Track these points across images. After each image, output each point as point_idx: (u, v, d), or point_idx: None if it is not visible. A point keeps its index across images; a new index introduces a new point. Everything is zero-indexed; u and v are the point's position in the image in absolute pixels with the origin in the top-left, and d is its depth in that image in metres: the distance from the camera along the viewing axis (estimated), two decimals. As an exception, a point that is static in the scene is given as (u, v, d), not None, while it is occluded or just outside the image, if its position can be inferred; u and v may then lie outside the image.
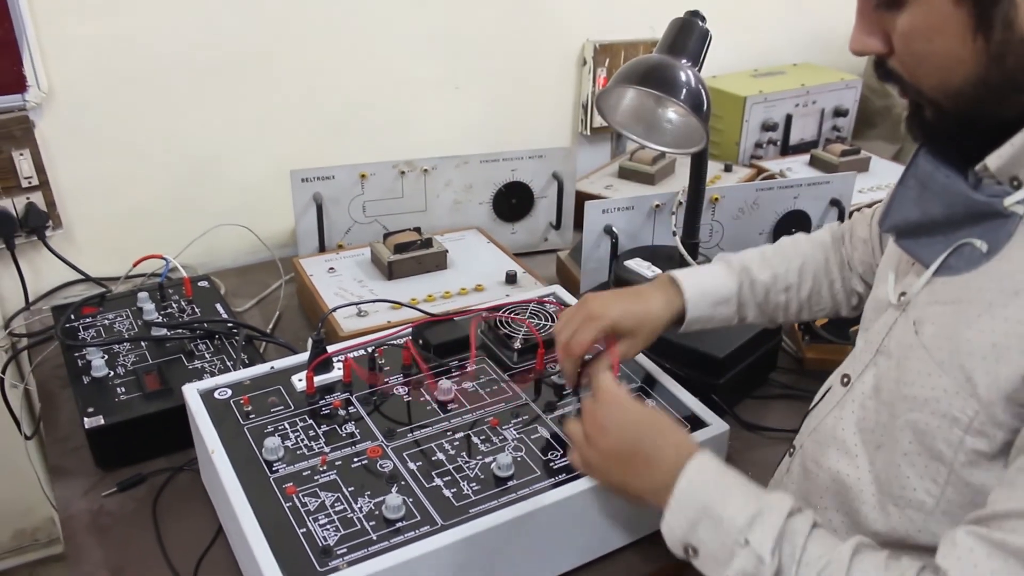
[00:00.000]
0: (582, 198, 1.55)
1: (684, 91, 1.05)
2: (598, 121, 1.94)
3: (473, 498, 0.86)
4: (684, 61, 1.08)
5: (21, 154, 1.36)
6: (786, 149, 2.03)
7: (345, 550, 0.79)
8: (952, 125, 0.71)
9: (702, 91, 1.07)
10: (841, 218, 1.50)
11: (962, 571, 0.61)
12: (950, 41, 0.66)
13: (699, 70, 1.09)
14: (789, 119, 2.01)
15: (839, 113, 2.08)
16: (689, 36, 1.10)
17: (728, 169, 1.88)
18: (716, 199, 1.45)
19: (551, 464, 0.91)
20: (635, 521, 0.94)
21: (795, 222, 1.50)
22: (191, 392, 0.99)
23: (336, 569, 0.77)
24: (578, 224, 1.59)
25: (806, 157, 1.95)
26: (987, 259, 0.69)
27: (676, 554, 0.76)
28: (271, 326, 1.40)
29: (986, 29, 0.64)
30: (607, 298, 1.00)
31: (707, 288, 1.01)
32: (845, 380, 0.84)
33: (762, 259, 1.04)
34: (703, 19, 1.11)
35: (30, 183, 1.38)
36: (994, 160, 0.69)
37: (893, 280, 0.81)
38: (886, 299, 0.81)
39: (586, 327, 0.96)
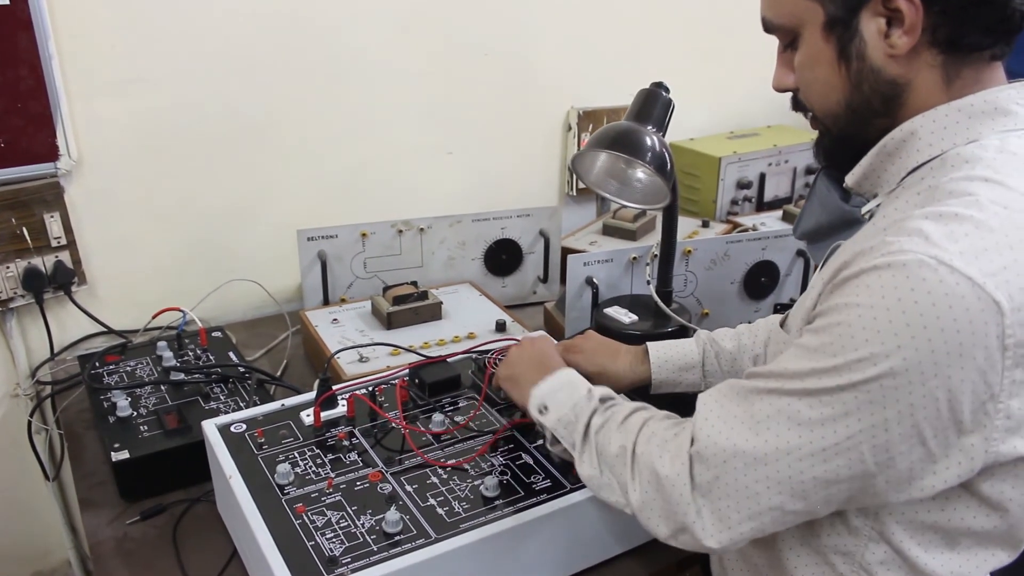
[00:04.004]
0: (567, 254, 1.67)
1: (650, 154, 1.19)
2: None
3: (463, 515, 0.96)
4: (650, 127, 1.21)
5: (52, 216, 1.48)
6: (761, 205, 2.17)
7: (349, 559, 0.89)
8: (834, 145, 0.88)
9: (665, 153, 1.20)
10: (807, 268, 1.63)
11: (702, 404, 0.84)
12: (825, 69, 0.82)
13: (663, 135, 1.22)
14: (763, 178, 2.14)
15: (810, 171, 2.21)
16: (654, 105, 1.23)
17: (706, 225, 2.01)
18: (689, 251, 1.57)
19: (533, 486, 1.02)
20: (624, 534, 1.05)
21: (764, 272, 1.62)
22: (210, 427, 1.10)
23: (341, 575, 0.87)
24: (564, 278, 1.70)
25: (779, 213, 2.08)
26: None
27: (532, 415, 1.01)
28: (279, 372, 1.51)
29: (846, 60, 0.81)
30: (590, 341, 1.20)
31: (672, 355, 1.17)
32: None
33: (733, 333, 1.19)
34: (667, 89, 1.25)
35: (59, 243, 1.50)
36: (850, 178, 0.87)
37: None
38: None
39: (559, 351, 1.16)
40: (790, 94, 0.90)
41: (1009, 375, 0.70)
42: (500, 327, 1.52)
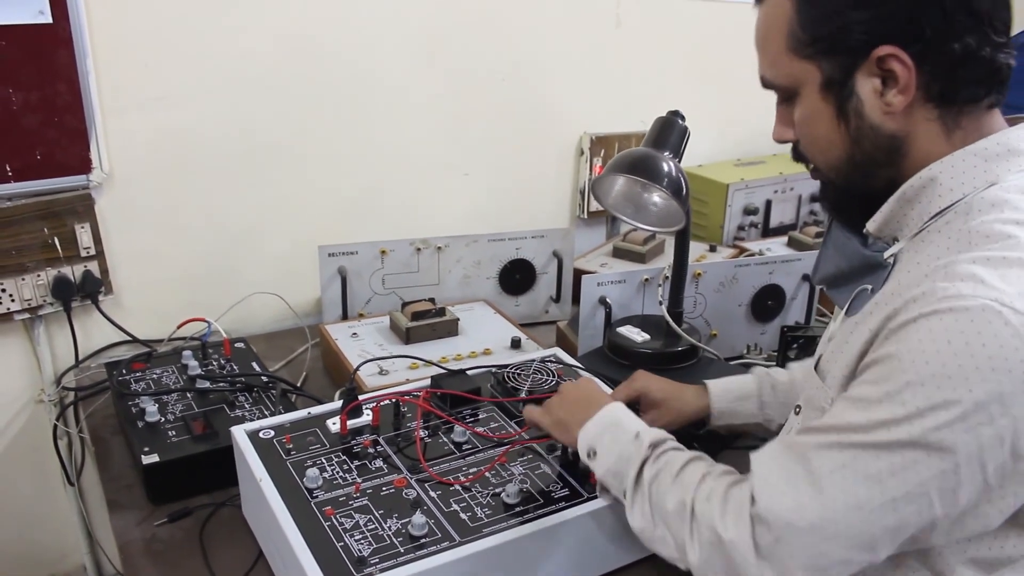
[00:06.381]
0: (579, 274, 1.70)
1: (666, 179, 1.24)
2: (594, 206, 2.13)
3: (485, 520, 1.00)
4: (666, 153, 1.26)
5: (82, 227, 1.53)
6: (767, 231, 2.21)
7: (377, 560, 0.93)
8: (840, 196, 0.91)
9: (682, 179, 1.25)
10: (812, 292, 1.67)
11: (758, 464, 0.83)
12: (825, 127, 0.86)
13: (679, 161, 1.27)
14: (769, 204, 2.19)
15: (815, 199, 2.26)
16: (671, 132, 1.29)
17: (713, 249, 2.06)
18: (699, 274, 1.62)
19: (552, 494, 1.06)
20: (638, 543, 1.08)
21: (771, 295, 1.66)
22: (239, 432, 1.14)
23: (370, 575, 0.91)
24: (575, 298, 1.75)
25: (785, 238, 2.13)
26: (872, 298, 0.87)
27: (581, 457, 1.02)
28: (300, 384, 1.55)
29: (845, 118, 0.84)
30: (653, 375, 1.24)
31: (730, 387, 1.22)
32: (796, 410, 1.00)
33: (787, 369, 1.25)
34: (683, 117, 1.30)
35: (88, 253, 1.54)
36: (871, 224, 0.89)
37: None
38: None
39: (622, 387, 1.21)
40: (791, 145, 0.93)
41: None
42: (515, 344, 1.56)
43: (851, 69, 0.81)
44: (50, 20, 1.39)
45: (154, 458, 1.19)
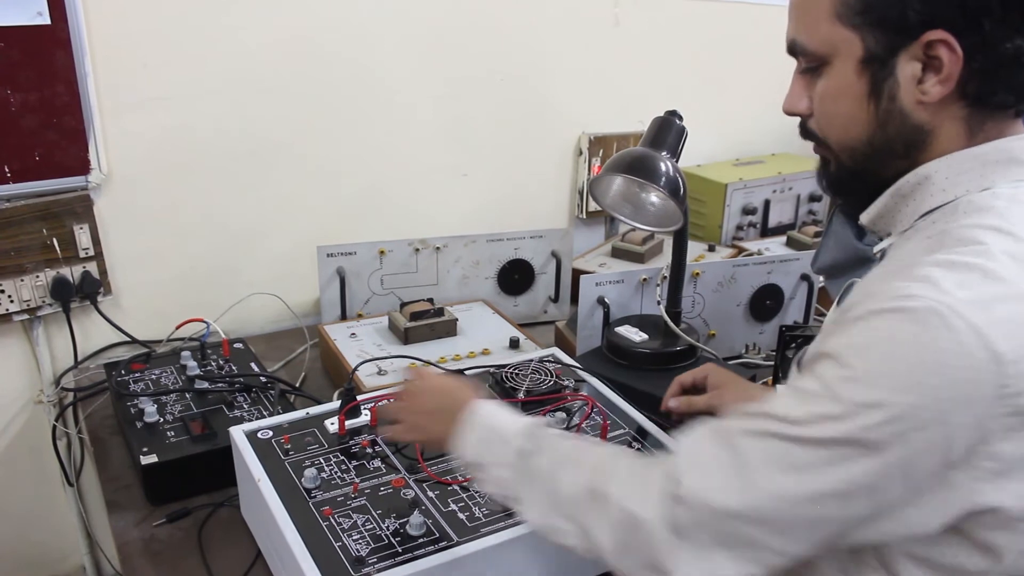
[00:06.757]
0: (578, 274, 1.70)
1: (664, 179, 1.24)
2: (593, 206, 2.13)
3: (483, 520, 1.01)
4: (664, 153, 1.27)
5: (81, 228, 1.53)
6: (765, 231, 2.22)
7: (375, 560, 0.93)
8: (847, 177, 0.88)
9: (679, 179, 1.25)
10: (810, 291, 1.67)
11: (685, 446, 0.80)
12: (851, 104, 0.82)
13: (677, 160, 1.28)
14: (767, 204, 2.20)
15: (813, 199, 2.27)
16: (668, 132, 1.29)
17: (712, 249, 2.06)
18: (697, 274, 1.62)
19: (550, 494, 1.06)
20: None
21: (769, 295, 1.66)
22: (238, 432, 1.14)
23: (368, 575, 0.91)
24: (574, 298, 1.75)
25: (783, 238, 2.13)
26: None
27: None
28: (298, 384, 1.55)
29: (876, 97, 0.80)
30: (721, 374, 1.26)
31: None
32: None
33: None
34: (680, 117, 1.30)
35: (87, 254, 1.54)
36: (865, 216, 0.87)
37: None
38: None
39: (689, 372, 1.27)
40: (799, 120, 0.89)
41: (1003, 421, 0.70)
42: (514, 344, 1.56)
43: (897, 48, 0.78)
44: (48, 21, 1.39)
45: (153, 458, 1.19)
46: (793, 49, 0.86)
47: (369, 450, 1.13)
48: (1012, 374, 0.68)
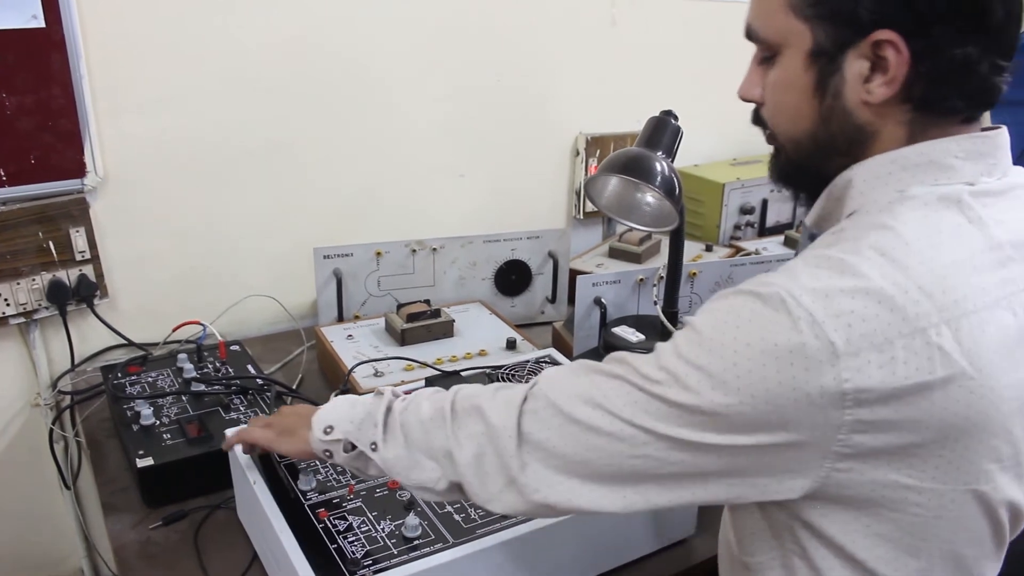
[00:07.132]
0: (575, 275, 1.70)
1: (659, 179, 1.24)
2: (590, 206, 2.12)
3: (479, 521, 1.01)
4: (659, 153, 1.26)
5: (77, 231, 1.53)
6: (763, 231, 2.22)
7: (371, 562, 0.93)
8: (792, 170, 0.88)
9: (674, 178, 1.25)
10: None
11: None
12: (798, 96, 0.81)
13: (672, 160, 1.27)
14: (765, 203, 2.20)
15: (811, 199, 2.27)
16: (663, 132, 1.29)
17: (709, 249, 2.06)
18: (694, 274, 1.62)
19: (546, 495, 1.06)
20: (638, 541, 1.09)
21: (766, 295, 1.66)
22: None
23: (363, 577, 0.91)
24: (571, 299, 1.75)
25: (781, 238, 2.13)
26: None
27: (314, 447, 0.96)
28: (295, 386, 1.55)
29: (822, 93, 0.80)
30: None
31: None
32: None
33: None
34: (675, 117, 1.30)
35: (83, 257, 1.54)
36: (808, 219, 0.88)
37: None
38: None
39: None
40: (752, 107, 0.89)
41: (844, 414, 0.70)
42: (511, 345, 1.56)
43: (845, 44, 0.77)
44: (43, 24, 1.39)
45: (149, 461, 1.19)
46: (750, 35, 0.86)
47: (365, 452, 1.12)
48: (849, 367, 0.68)
